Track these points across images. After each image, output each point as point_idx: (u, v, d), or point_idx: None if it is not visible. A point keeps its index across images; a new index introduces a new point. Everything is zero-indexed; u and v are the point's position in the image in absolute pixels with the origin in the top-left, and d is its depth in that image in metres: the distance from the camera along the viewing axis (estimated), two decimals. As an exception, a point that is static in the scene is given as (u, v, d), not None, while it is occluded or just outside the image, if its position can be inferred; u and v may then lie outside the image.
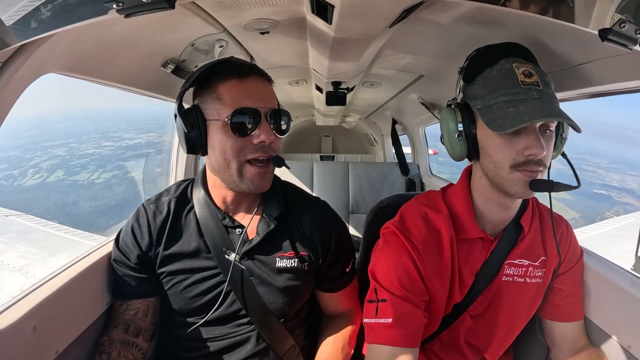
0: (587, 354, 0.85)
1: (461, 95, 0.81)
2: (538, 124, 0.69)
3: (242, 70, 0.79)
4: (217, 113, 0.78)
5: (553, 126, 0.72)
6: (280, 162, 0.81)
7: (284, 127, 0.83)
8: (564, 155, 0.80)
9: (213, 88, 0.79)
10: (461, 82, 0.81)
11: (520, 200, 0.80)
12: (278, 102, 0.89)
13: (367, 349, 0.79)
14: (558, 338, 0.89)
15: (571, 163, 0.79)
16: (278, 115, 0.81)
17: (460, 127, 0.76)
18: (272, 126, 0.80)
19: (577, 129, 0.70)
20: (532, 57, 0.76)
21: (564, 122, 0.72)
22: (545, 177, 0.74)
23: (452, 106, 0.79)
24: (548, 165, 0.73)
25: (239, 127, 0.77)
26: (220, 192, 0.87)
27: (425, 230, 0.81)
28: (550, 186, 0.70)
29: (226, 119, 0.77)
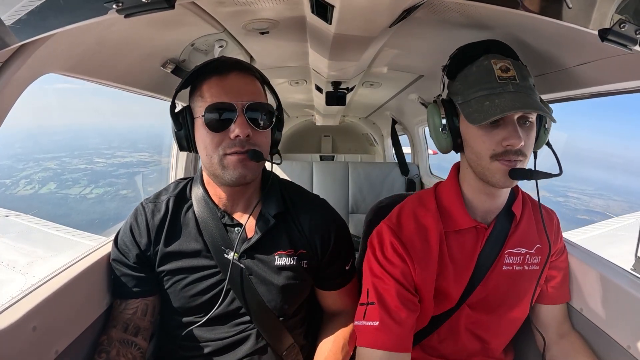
0: (571, 338, 0.90)
1: (446, 91, 0.84)
2: (516, 116, 0.72)
3: (223, 67, 0.80)
4: (199, 111, 0.79)
5: (532, 117, 0.75)
6: (258, 157, 0.79)
7: (264, 120, 0.81)
8: (549, 145, 0.82)
9: (199, 87, 0.81)
10: (446, 80, 0.85)
11: (507, 189, 0.83)
12: (278, 97, 0.88)
13: (357, 352, 0.80)
14: (544, 320, 0.93)
15: (555, 152, 0.82)
16: (257, 108, 0.79)
17: (444, 121, 0.80)
18: (252, 120, 0.79)
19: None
20: (511, 53, 0.79)
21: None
22: (526, 166, 0.76)
23: (436, 102, 0.83)
24: (529, 155, 0.75)
25: (213, 122, 0.78)
26: (215, 190, 0.87)
27: (414, 228, 0.84)
28: (530, 174, 0.73)
29: (202, 115, 0.78)
